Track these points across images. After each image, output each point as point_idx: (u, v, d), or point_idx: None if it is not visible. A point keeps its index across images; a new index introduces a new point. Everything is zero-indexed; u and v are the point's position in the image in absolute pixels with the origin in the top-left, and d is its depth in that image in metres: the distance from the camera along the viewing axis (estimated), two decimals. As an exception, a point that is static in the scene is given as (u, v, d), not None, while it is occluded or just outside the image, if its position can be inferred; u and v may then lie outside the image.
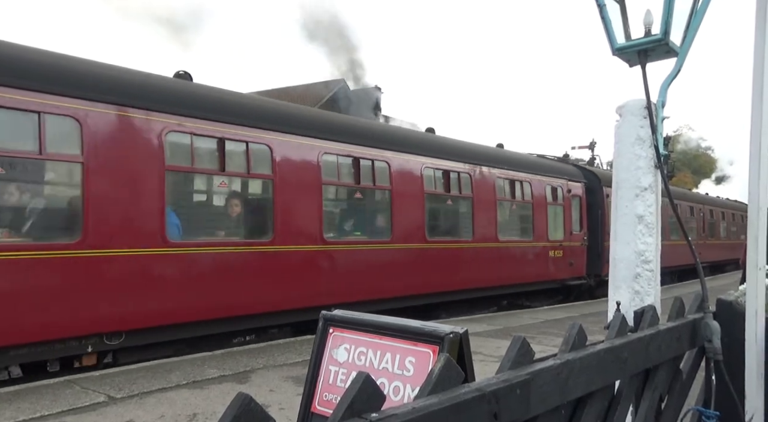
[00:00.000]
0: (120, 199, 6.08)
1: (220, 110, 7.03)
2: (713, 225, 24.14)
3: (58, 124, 5.71)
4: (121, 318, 6.11)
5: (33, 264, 5.49)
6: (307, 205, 7.73)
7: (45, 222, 5.81)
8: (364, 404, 0.97)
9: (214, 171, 6.98)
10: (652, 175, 2.35)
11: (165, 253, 6.41)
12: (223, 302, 6.88)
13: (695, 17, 2.34)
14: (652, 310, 1.97)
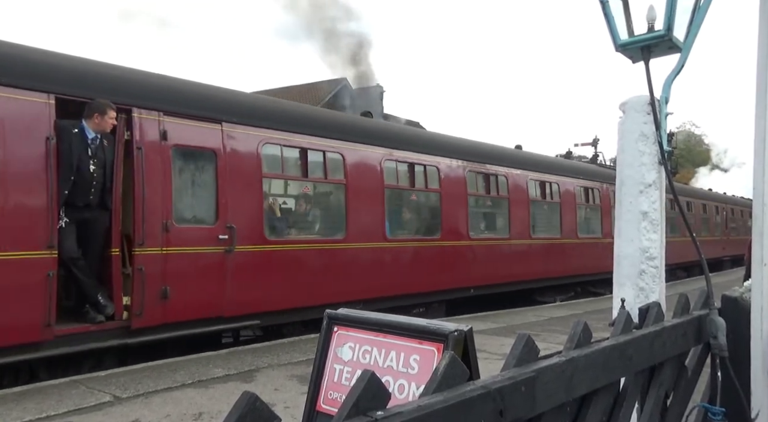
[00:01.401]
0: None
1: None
2: (735, 222, 26.23)
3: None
4: (365, 290, 8.38)
5: (321, 252, 8.00)
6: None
7: (328, 224, 8.34)
8: (370, 402, 0.97)
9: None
10: (656, 171, 2.35)
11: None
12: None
13: (698, 12, 2.33)
14: (656, 307, 1.96)
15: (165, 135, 6.38)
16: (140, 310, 6.08)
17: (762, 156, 2.10)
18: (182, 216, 6.60)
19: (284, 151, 7.64)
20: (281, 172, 7.78)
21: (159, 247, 6.23)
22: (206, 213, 6.83)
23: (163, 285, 6.24)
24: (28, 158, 5.38)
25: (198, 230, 6.67)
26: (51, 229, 5.46)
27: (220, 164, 6.83)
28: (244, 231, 6.99)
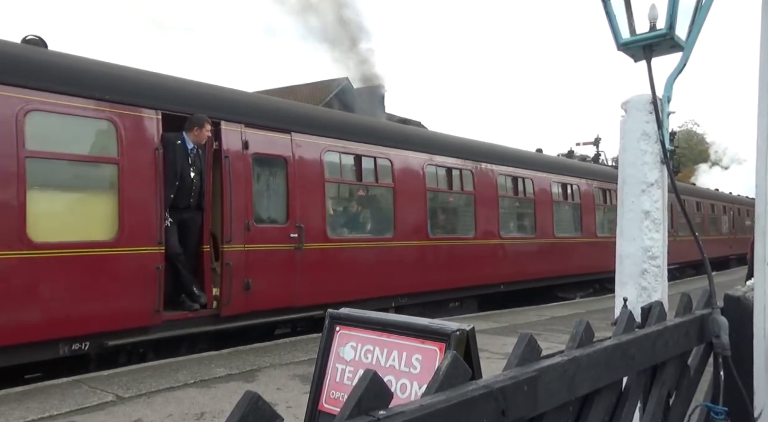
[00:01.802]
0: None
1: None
2: (742, 221, 27.35)
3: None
4: (400, 285, 9.11)
5: (373, 249, 8.78)
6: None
7: (379, 224, 9.12)
8: (372, 402, 0.97)
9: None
10: (659, 170, 2.34)
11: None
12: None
13: (701, 11, 2.33)
14: (659, 306, 1.96)
15: (246, 145, 7.20)
16: (228, 300, 6.89)
17: (765, 155, 2.10)
18: (260, 217, 7.44)
19: (342, 157, 8.50)
20: (340, 176, 8.56)
21: (242, 244, 7.05)
22: (279, 214, 7.68)
23: (246, 278, 7.05)
24: (142, 166, 6.21)
25: (273, 229, 7.51)
26: (160, 228, 6.30)
27: (290, 170, 7.67)
28: (311, 230, 7.82)
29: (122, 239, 6.02)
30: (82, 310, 5.76)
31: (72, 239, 5.71)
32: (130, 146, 6.10)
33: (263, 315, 7.30)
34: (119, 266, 6.01)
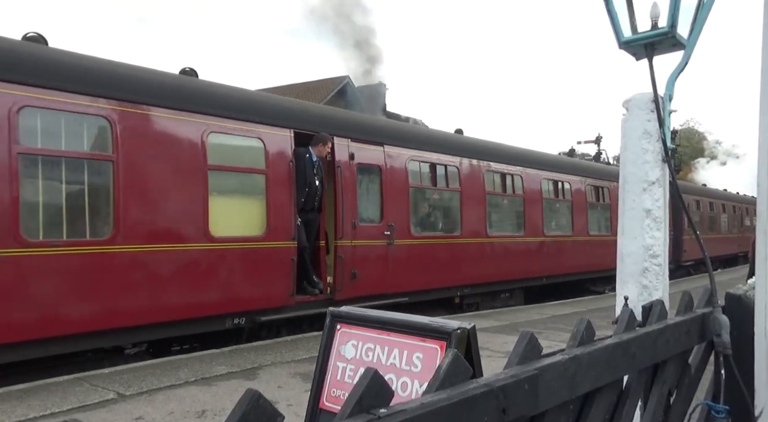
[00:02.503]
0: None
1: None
2: (751, 220, 28.84)
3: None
4: (464, 277, 10.49)
5: (445, 245, 10.18)
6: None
7: (449, 223, 10.50)
8: (373, 400, 0.97)
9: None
10: (660, 168, 2.34)
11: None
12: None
13: (702, 10, 2.32)
14: (660, 305, 1.96)
15: (352, 156, 8.64)
16: (340, 287, 8.30)
17: (766, 154, 2.09)
18: (362, 217, 8.81)
19: (421, 165, 9.92)
20: (420, 182, 9.91)
21: (350, 240, 8.46)
22: (375, 214, 9.07)
23: (353, 269, 8.48)
24: (281, 176, 7.60)
25: (372, 228, 8.87)
26: (293, 226, 7.68)
27: (383, 177, 9.10)
28: (399, 228, 9.20)
29: (269, 235, 7.42)
30: (242, 292, 7.17)
31: (236, 234, 7.15)
32: (273, 159, 7.51)
33: (365, 299, 8.42)
34: (266, 257, 7.40)
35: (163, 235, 6.45)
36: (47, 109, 5.67)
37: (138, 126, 6.32)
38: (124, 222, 6.11)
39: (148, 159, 6.34)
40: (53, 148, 5.77)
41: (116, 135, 6.10)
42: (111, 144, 6.08)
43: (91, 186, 6.08)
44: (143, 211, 6.30)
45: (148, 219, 6.34)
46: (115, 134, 6.10)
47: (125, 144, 6.16)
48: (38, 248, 5.53)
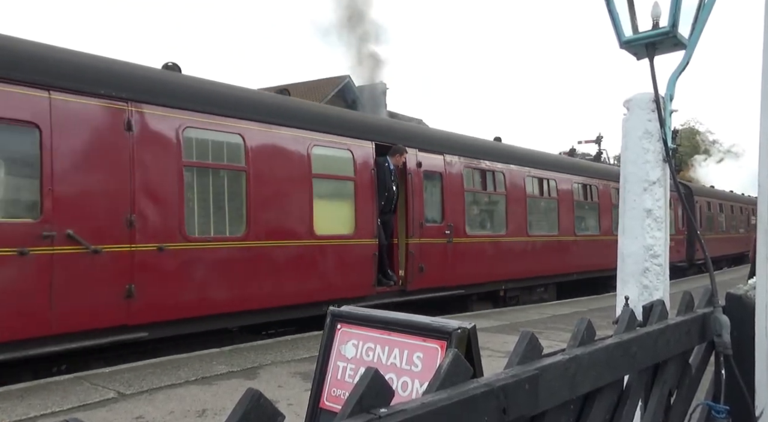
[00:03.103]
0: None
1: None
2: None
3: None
4: (508, 272, 11.68)
5: (493, 243, 11.42)
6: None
7: (496, 224, 11.78)
8: (373, 399, 0.97)
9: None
10: (661, 168, 2.34)
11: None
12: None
13: (703, 9, 2.32)
14: (660, 305, 1.95)
15: (420, 164, 9.84)
16: (411, 279, 9.51)
17: (767, 154, 2.09)
18: (428, 218, 9.97)
19: (473, 172, 11.14)
20: (472, 186, 11.11)
21: (418, 238, 9.66)
22: (437, 216, 10.21)
23: (421, 263, 9.65)
24: (366, 183, 8.84)
25: (434, 227, 10.02)
26: (375, 226, 8.92)
27: (444, 182, 10.28)
28: (456, 228, 10.33)
29: (357, 233, 8.64)
30: (336, 282, 8.35)
31: (333, 233, 8.34)
32: (359, 168, 8.72)
33: (430, 290, 9.90)
34: (355, 253, 8.62)
35: (281, 233, 7.70)
36: (201, 129, 6.96)
37: (262, 141, 7.55)
38: (254, 222, 7.33)
39: (270, 169, 7.55)
40: (204, 160, 7.04)
41: (247, 149, 7.31)
42: (244, 156, 7.29)
43: (230, 192, 7.29)
44: (267, 212, 7.52)
45: (271, 219, 7.57)
46: (247, 148, 7.31)
47: (254, 156, 7.36)
48: (194, 242, 6.78)
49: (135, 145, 6.26)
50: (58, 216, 5.67)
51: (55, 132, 5.68)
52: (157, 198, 6.45)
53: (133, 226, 6.20)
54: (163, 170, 6.50)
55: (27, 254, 5.44)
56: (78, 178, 5.87)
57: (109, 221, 6.05)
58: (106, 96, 6.09)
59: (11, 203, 5.67)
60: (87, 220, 5.86)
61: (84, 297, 5.84)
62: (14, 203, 5.70)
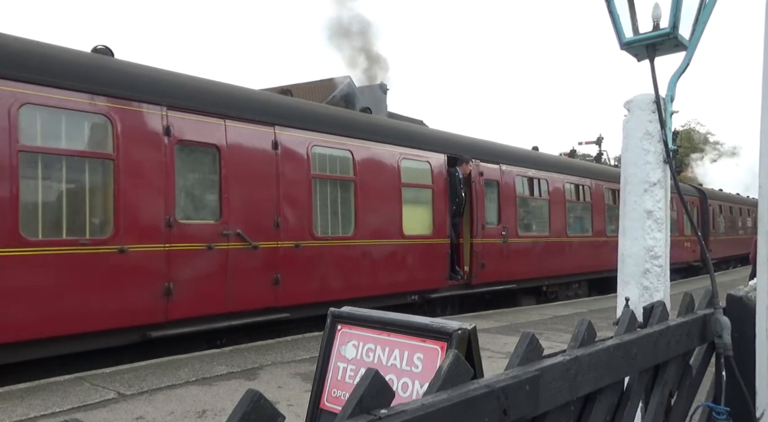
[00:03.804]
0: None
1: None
2: None
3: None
4: (549, 269, 13.08)
5: (537, 243, 12.72)
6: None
7: (540, 225, 13.07)
8: (374, 400, 0.97)
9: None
10: (661, 169, 2.34)
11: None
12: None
13: (704, 10, 2.32)
14: (661, 306, 1.95)
15: (481, 173, 11.22)
16: (475, 274, 10.85)
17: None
18: (487, 220, 11.35)
19: (523, 179, 12.48)
20: (522, 192, 12.43)
21: (480, 238, 11.03)
22: (494, 218, 11.61)
23: (482, 261, 11.03)
24: (441, 189, 10.19)
25: (493, 229, 11.41)
26: (448, 227, 10.28)
27: (500, 189, 11.71)
28: (510, 229, 11.77)
29: (434, 234, 10.04)
30: (418, 275, 9.72)
31: (416, 233, 9.74)
32: (436, 177, 10.11)
33: (490, 284, 11.33)
34: (432, 250, 9.99)
35: (379, 233, 9.09)
36: (323, 146, 8.42)
37: (365, 156, 8.99)
38: (360, 224, 8.77)
39: (371, 179, 8.99)
40: (325, 172, 8.49)
41: (355, 163, 8.78)
42: (352, 168, 8.78)
43: (342, 198, 8.75)
44: (369, 216, 8.95)
45: (372, 222, 8.99)
46: (354, 162, 8.78)
47: (359, 169, 8.83)
48: (319, 240, 8.23)
49: (279, 161, 7.74)
50: (232, 219, 7.11)
51: (228, 152, 7.13)
52: (294, 204, 7.91)
53: (279, 227, 7.64)
54: (298, 181, 7.97)
55: (213, 248, 6.90)
56: (243, 187, 7.28)
57: (263, 222, 7.50)
58: (261, 122, 7.60)
59: (202, 208, 7.07)
60: (250, 222, 7.32)
61: (247, 284, 7.28)
62: (204, 208, 7.09)
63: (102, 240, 6.03)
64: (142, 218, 6.36)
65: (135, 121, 6.33)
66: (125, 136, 6.20)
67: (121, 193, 6.14)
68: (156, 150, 6.47)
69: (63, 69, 5.96)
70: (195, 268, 6.74)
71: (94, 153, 6.08)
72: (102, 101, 6.08)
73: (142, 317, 6.30)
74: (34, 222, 5.63)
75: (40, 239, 5.63)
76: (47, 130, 5.76)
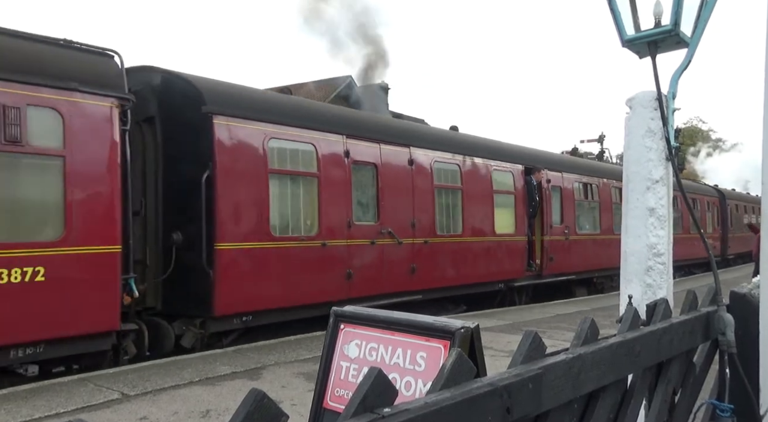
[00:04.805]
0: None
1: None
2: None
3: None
4: (599, 264, 14.86)
5: (590, 241, 14.78)
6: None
7: (592, 225, 15.07)
8: (377, 399, 0.97)
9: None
10: (664, 167, 2.33)
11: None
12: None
13: (706, 7, 2.31)
14: (664, 303, 1.95)
15: (549, 180, 13.20)
16: (545, 266, 12.87)
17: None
18: (553, 220, 13.33)
19: (579, 185, 14.47)
20: (579, 196, 14.46)
21: (549, 236, 13.06)
22: (558, 219, 13.51)
23: (550, 255, 13.01)
24: (520, 195, 12.26)
25: (558, 228, 13.43)
26: (526, 227, 12.34)
27: (562, 193, 13.74)
28: (570, 228, 13.81)
29: (516, 232, 12.03)
30: (504, 267, 11.84)
31: (504, 232, 11.75)
32: (517, 184, 12.18)
33: (558, 275, 13.40)
34: (515, 246, 12.04)
35: (479, 232, 11.16)
36: (443, 162, 10.52)
37: (468, 168, 11.05)
38: (466, 225, 10.85)
39: (472, 187, 11.02)
40: (444, 183, 10.53)
41: (462, 174, 10.88)
42: (460, 179, 10.85)
43: (453, 204, 10.73)
44: (472, 217, 10.97)
45: (474, 222, 11.04)
46: (461, 173, 10.88)
47: (465, 179, 10.92)
48: (440, 237, 10.28)
49: (413, 174, 9.81)
50: (385, 221, 9.22)
51: (382, 168, 9.29)
52: (423, 208, 9.95)
53: (414, 227, 9.68)
54: (426, 190, 10.07)
55: (374, 243, 9.01)
56: (391, 195, 9.35)
57: (404, 223, 9.54)
58: (401, 144, 9.74)
59: (367, 212, 9.16)
60: (396, 223, 9.39)
61: (393, 271, 9.34)
62: (368, 212, 9.18)
63: (312, 237, 8.14)
64: (334, 220, 8.43)
65: (330, 147, 8.51)
66: (324, 158, 8.38)
67: (323, 202, 8.26)
68: (341, 169, 8.65)
69: (294, 113, 8.39)
70: (364, 258, 8.88)
71: (306, 172, 8.22)
72: (308, 133, 8.20)
73: (334, 295, 8.14)
74: (275, 224, 7.76)
75: (278, 236, 7.73)
76: (280, 156, 7.92)
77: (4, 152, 5.37)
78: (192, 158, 7.08)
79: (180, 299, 7.10)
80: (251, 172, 7.39)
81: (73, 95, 5.85)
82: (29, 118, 5.50)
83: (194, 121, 7.08)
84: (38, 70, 5.68)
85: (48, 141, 5.68)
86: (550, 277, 13.13)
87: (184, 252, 7.00)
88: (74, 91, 5.84)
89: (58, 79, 5.75)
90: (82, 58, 6.19)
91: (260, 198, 7.48)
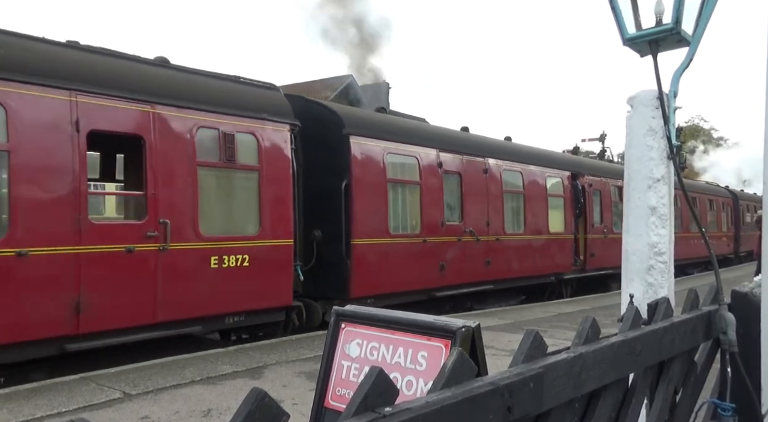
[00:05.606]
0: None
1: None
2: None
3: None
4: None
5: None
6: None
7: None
8: (378, 398, 0.97)
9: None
10: (665, 166, 2.33)
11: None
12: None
13: (707, 5, 2.31)
14: (665, 302, 1.95)
15: (591, 185, 14.71)
16: (588, 261, 14.49)
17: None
18: (593, 220, 14.94)
19: (614, 188, 15.76)
20: (614, 198, 15.77)
21: (591, 234, 14.63)
22: (598, 218, 15.15)
23: (592, 251, 14.69)
24: (568, 198, 13.92)
25: (598, 227, 14.87)
26: (573, 225, 14.01)
27: (602, 196, 15.30)
28: (608, 227, 15.34)
29: (565, 230, 13.73)
30: (555, 261, 13.38)
31: (556, 231, 13.41)
32: (566, 188, 13.82)
33: (598, 269, 14.84)
34: (565, 243, 13.71)
35: (536, 230, 12.72)
36: (508, 170, 12.12)
37: (528, 175, 12.70)
38: (527, 224, 12.45)
39: (530, 191, 12.59)
40: (509, 188, 12.14)
41: (523, 180, 12.55)
42: (522, 184, 12.46)
43: (516, 206, 12.33)
44: (531, 218, 12.55)
45: (532, 222, 12.58)
46: (523, 180, 12.54)
47: (526, 185, 12.50)
48: (507, 235, 11.90)
49: (487, 181, 11.41)
50: (467, 221, 10.79)
51: (465, 176, 10.88)
52: (495, 210, 11.52)
53: (489, 226, 11.38)
54: (497, 194, 11.62)
55: (460, 241, 10.58)
56: (471, 199, 10.95)
57: (480, 223, 11.14)
58: (478, 155, 11.40)
59: (453, 214, 10.63)
60: (475, 223, 10.91)
61: (473, 264, 10.91)
62: (454, 214, 10.67)
63: (416, 235, 9.77)
64: (431, 221, 10.01)
65: (428, 159, 10.10)
66: (424, 169, 10.00)
67: (423, 205, 9.88)
68: (436, 177, 10.23)
69: (401, 131, 10.11)
70: (452, 253, 10.38)
71: (411, 181, 9.82)
72: (412, 148, 9.89)
73: (431, 283, 9.98)
74: (391, 223, 9.39)
75: (393, 234, 9.32)
76: (393, 167, 9.55)
77: (226, 168, 7.20)
78: (332, 170, 8.69)
79: (322, 284, 8.64)
80: (376, 181, 9.13)
81: (265, 123, 7.63)
82: (237, 141, 7.25)
83: (335, 140, 8.74)
84: (243, 106, 7.49)
85: (249, 159, 7.44)
86: (591, 271, 14.70)
87: (323, 246, 8.59)
88: (265, 120, 7.63)
89: (254, 111, 7.55)
90: (267, 94, 8.09)
91: (381, 202, 9.22)
